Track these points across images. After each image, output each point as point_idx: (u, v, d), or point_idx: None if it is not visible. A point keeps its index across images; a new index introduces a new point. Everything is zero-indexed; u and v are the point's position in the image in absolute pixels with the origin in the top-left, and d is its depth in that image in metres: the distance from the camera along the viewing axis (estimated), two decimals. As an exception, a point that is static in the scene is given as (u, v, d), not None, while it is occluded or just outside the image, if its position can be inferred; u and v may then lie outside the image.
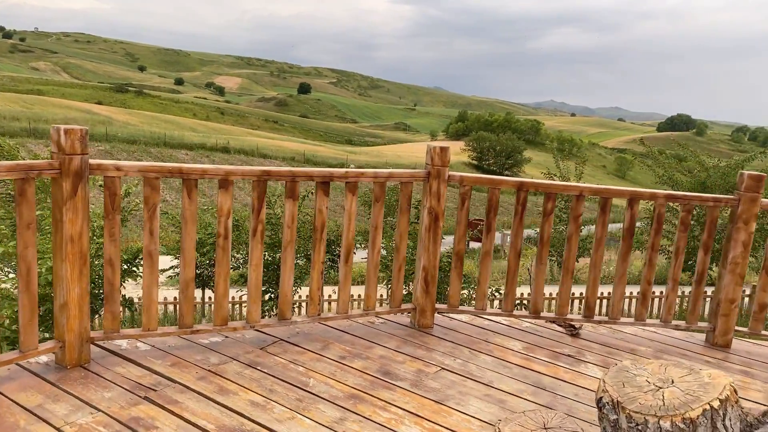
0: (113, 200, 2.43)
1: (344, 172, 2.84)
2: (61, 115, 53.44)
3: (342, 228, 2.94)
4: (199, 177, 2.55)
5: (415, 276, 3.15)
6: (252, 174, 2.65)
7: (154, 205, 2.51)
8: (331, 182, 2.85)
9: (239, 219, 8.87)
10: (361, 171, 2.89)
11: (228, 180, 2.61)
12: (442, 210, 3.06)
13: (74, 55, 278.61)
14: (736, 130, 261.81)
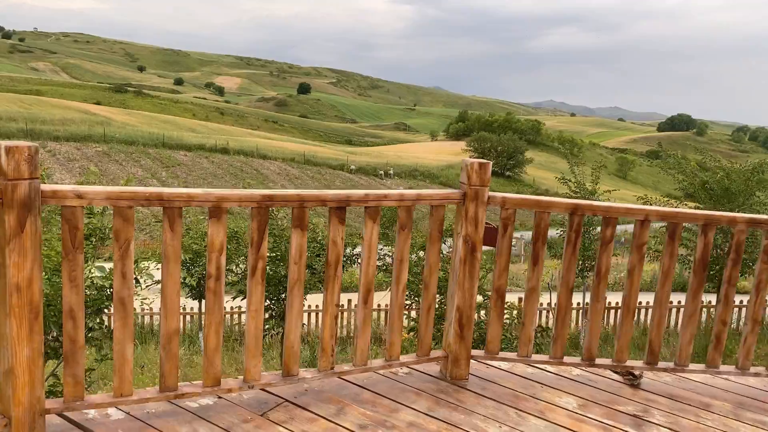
0: (74, 236, 1.90)
1: (363, 195, 2.31)
2: (59, 116, 52.88)
3: (360, 259, 2.42)
4: (184, 205, 2.03)
5: (447, 318, 2.62)
6: (250, 200, 2.12)
7: (127, 242, 1.99)
8: (347, 207, 2.33)
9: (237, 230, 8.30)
10: (384, 193, 2.37)
11: (221, 208, 2.09)
12: (480, 238, 2.54)
13: (73, 55, 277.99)
14: (737, 130, 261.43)
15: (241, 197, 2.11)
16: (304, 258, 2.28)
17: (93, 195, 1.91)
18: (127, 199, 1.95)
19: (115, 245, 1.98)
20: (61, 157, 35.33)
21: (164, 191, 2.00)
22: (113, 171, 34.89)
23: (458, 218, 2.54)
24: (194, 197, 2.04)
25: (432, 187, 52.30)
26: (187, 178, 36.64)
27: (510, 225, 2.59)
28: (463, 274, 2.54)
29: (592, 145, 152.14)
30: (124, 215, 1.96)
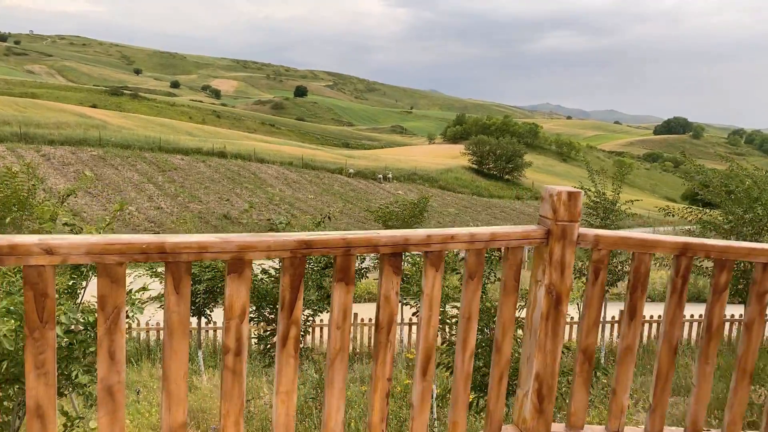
0: (42, 306, 1.37)
1: (425, 237, 1.78)
2: (54, 119, 52.21)
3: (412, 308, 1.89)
4: (194, 258, 1.50)
5: (522, 387, 2.09)
6: (282, 247, 1.59)
7: (117, 310, 1.45)
8: (404, 252, 1.80)
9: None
10: (450, 234, 1.83)
11: (243, 260, 1.56)
12: (568, 289, 2.00)
13: (69, 58, 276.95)
14: (733, 133, 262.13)
15: (270, 245, 1.58)
16: (350, 321, 1.74)
17: (68, 249, 1.37)
18: (116, 253, 1.41)
19: (100, 315, 1.44)
20: (55, 161, 34.69)
21: (167, 240, 1.46)
22: (109, 175, 34.27)
23: (538, 262, 2.01)
24: (208, 247, 1.50)
25: (431, 191, 51.78)
26: (183, 183, 36.05)
27: (602, 270, 2.05)
28: (545, 333, 2.00)
29: (589, 149, 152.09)
30: (113, 274, 1.43)
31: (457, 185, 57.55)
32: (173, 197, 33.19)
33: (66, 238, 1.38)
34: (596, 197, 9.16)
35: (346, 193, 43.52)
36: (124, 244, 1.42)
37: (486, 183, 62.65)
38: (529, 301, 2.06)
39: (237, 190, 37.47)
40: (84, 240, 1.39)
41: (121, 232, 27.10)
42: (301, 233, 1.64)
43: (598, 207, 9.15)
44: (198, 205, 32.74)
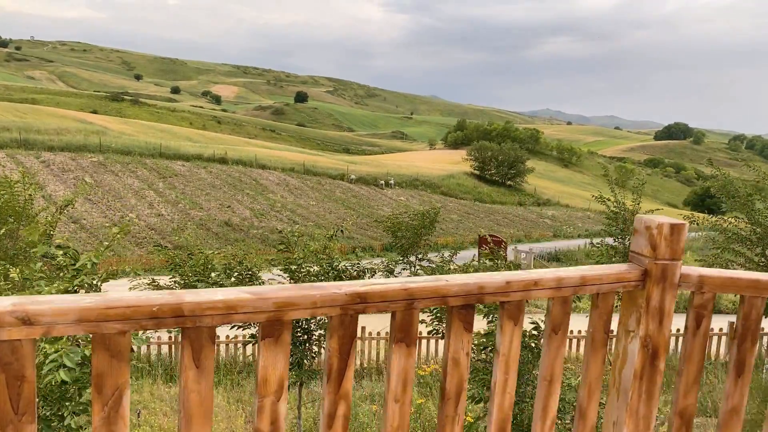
0: (17, 392, 1.02)
1: (504, 283, 1.42)
2: (54, 125, 51.93)
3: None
4: (220, 322, 1.15)
5: (607, 457, 1.72)
6: (331, 302, 1.24)
7: (118, 392, 1.09)
8: (479, 303, 1.44)
9: None
10: (534, 278, 1.47)
11: (282, 321, 1.20)
12: (666, 341, 1.65)
13: (70, 64, 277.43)
14: (733, 139, 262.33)
15: (315, 300, 1.22)
16: (410, 393, 1.38)
17: (53, 316, 1.02)
18: (117, 320, 1.06)
19: (95, 400, 1.08)
20: (55, 167, 34.37)
21: (185, 300, 1.11)
22: (109, 182, 33.94)
23: (630, 308, 1.65)
24: (237, 307, 1.15)
25: (434, 197, 51.42)
26: (184, 189, 35.72)
27: (706, 317, 1.70)
28: (638, 394, 1.64)
29: (590, 154, 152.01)
30: (113, 347, 1.07)
31: (460, 191, 57.24)
32: (174, 204, 32.85)
33: (50, 300, 1.03)
34: (616, 208, 8.81)
35: (348, 200, 43.19)
36: (129, 307, 1.07)
37: (488, 189, 62.31)
38: (617, 355, 1.70)
39: (238, 196, 37.13)
40: (74, 303, 1.04)
41: (122, 241, 26.66)
42: (353, 283, 1.29)
43: (618, 218, 8.80)
44: (199, 212, 32.39)
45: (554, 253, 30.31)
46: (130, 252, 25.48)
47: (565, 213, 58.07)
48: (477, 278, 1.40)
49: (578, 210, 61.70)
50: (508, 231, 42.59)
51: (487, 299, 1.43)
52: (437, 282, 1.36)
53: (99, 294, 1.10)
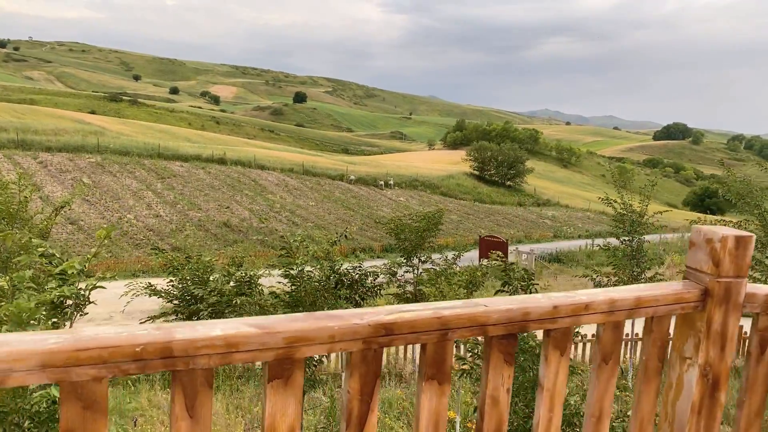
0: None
1: (551, 308, 1.22)
2: (52, 126, 51.68)
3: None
4: (219, 362, 0.94)
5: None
6: (352, 335, 1.03)
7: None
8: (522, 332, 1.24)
9: None
10: (583, 302, 1.27)
11: (293, 359, 1.00)
12: (728, 370, 1.44)
13: (69, 65, 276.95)
14: (732, 139, 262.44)
15: (333, 333, 1.01)
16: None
17: (9, 362, 0.81)
18: (91, 364, 0.85)
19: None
20: (53, 168, 34.12)
21: (176, 336, 0.90)
22: (107, 183, 33.70)
23: (686, 332, 1.45)
24: (240, 344, 0.94)
25: (433, 197, 51.21)
26: (183, 190, 35.48)
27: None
28: (695, 430, 1.44)
29: (589, 154, 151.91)
30: (87, 397, 0.87)
31: (459, 192, 57.05)
32: (172, 205, 32.62)
33: (5, 342, 0.82)
34: (623, 209, 8.62)
35: (347, 200, 42.98)
36: (106, 348, 0.86)
37: (488, 189, 62.11)
38: (670, 385, 1.49)
39: (237, 197, 36.90)
40: (37, 344, 0.83)
41: (120, 242, 26.48)
42: (377, 311, 1.08)
43: (624, 219, 8.60)
44: (197, 213, 32.15)
45: (555, 254, 30.12)
46: (128, 254, 25.24)
47: (565, 213, 57.91)
48: (521, 303, 1.20)
49: (578, 210, 61.52)
50: (509, 231, 42.40)
51: (532, 327, 1.23)
52: (475, 308, 1.15)
53: (68, 332, 0.89)
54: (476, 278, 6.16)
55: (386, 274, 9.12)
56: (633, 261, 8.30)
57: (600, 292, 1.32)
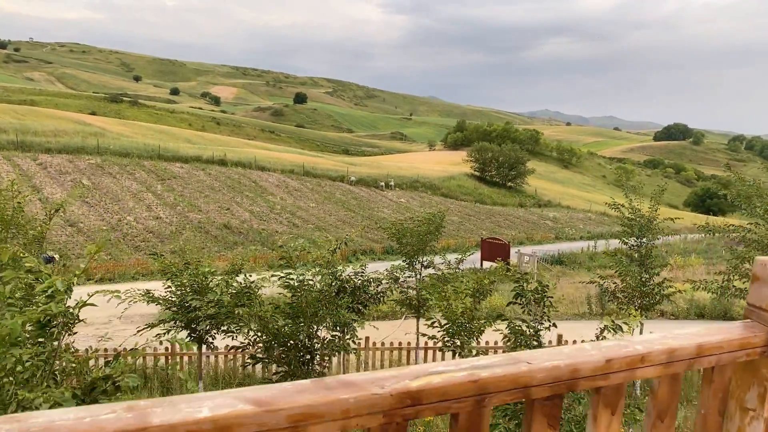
0: None
1: (603, 363, 1.03)
2: (52, 127, 51.52)
3: None
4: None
5: None
6: (370, 408, 0.85)
7: None
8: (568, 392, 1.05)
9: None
10: (639, 353, 1.08)
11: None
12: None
13: (69, 65, 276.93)
14: (733, 139, 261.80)
15: (348, 407, 0.83)
16: None
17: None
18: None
19: None
20: (52, 170, 33.95)
21: (153, 422, 0.73)
22: (106, 184, 33.52)
23: (748, 379, 1.26)
24: (233, 426, 0.75)
25: (434, 199, 51.03)
26: (183, 192, 35.31)
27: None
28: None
29: (590, 155, 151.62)
30: None
31: (460, 193, 56.85)
32: (172, 206, 32.44)
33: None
34: (632, 214, 8.42)
35: (348, 201, 42.79)
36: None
37: (489, 190, 61.91)
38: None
39: (237, 198, 36.73)
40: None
41: (120, 244, 26.30)
42: (400, 374, 0.89)
43: (633, 224, 8.41)
44: (198, 215, 31.97)
45: (557, 256, 29.90)
46: (128, 256, 25.06)
47: (567, 214, 57.71)
48: (569, 358, 1.01)
49: (579, 211, 61.32)
50: (510, 233, 42.20)
51: (582, 385, 1.04)
52: (516, 367, 0.97)
53: (13, 419, 0.71)
54: (483, 286, 5.96)
55: (389, 280, 8.94)
56: (641, 267, 8.10)
57: (656, 339, 1.13)
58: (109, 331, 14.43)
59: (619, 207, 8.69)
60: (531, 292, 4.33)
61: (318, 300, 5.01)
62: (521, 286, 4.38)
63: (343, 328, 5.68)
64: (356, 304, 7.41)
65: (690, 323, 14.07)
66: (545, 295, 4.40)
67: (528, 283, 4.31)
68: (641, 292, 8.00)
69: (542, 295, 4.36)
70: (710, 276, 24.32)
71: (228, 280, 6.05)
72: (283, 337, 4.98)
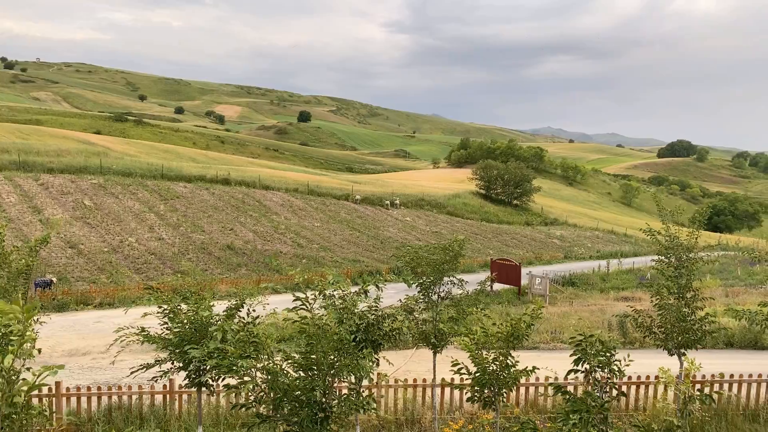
0: None
1: None
2: (55, 146, 51.32)
3: None
4: None
5: None
6: None
7: None
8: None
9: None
10: None
11: None
12: None
13: (75, 85, 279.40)
14: (737, 156, 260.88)
15: None
16: None
17: None
18: None
19: None
20: (54, 190, 33.51)
21: None
22: (109, 204, 33.04)
23: None
24: None
25: (440, 217, 50.39)
26: (186, 212, 34.79)
27: None
28: None
29: (594, 172, 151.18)
30: None
31: (466, 211, 56.25)
32: (175, 227, 31.89)
33: None
34: (669, 242, 7.78)
35: (353, 221, 42.22)
36: None
37: (495, 208, 61.29)
38: None
39: (241, 218, 36.19)
40: None
41: (121, 265, 25.68)
42: None
43: (670, 253, 7.75)
44: (201, 236, 31.40)
45: (568, 277, 29.15)
46: (129, 279, 24.45)
47: (574, 233, 56.95)
48: None
49: (586, 229, 60.53)
50: (518, 252, 41.45)
51: None
52: None
53: None
54: (519, 331, 5.30)
55: (403, 312, 8.32)
56: (681, 300, 7.43)
57: None
58: (105, 362, 13.76)
59: (655, 233, 8.05)
60: (595, 355, 3.63)
61: (337, 349, 4.37)
62: (584, 349, 3.71)
63: (359, 377, 5.03)
64: (368, 342, 6.77)
65: (719, 353, 13.32)
66: (611, 357, 3.71)
67: (591, 345, 3.64)
68: (681, 328, 7.31)
69: (608, 358, 3.67)
70: (727, 299, 23.53)
71: (230, 325, 5.37)
72: (295, 391, 4.33)
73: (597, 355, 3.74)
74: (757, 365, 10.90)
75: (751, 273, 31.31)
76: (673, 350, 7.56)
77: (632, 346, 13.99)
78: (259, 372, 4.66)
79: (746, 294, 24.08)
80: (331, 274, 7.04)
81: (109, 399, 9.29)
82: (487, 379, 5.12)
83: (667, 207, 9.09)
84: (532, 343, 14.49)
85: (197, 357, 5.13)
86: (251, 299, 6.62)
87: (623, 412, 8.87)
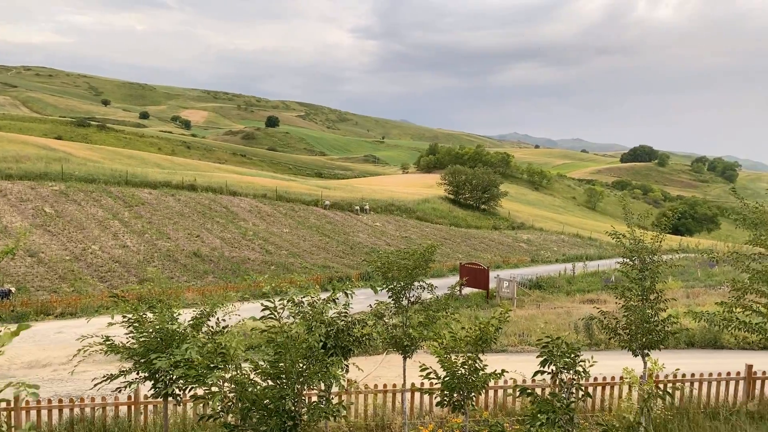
0: None
1: None
2: (13, 152, 49.73)
3: None
4: None
5: None
6: None
7: None
8: None
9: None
10: None
11: None
12: None
13: (35, 89, 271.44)
14: (696, 161, 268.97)
15: None
16: None
17: None
18: None
19: None
20: (13, 197, 32.47)
21: None
22: (71, 212, 32.17)
23: None
24: None
25: (409, 222, 50.59)
26: (151, 219, 34.13)
27: None
28: None
29: (560, 177, 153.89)
30: None
31: (435, 216, 56.56)
32: (140, 234, 31.24)
33: None
34: (633, 245, 7.97)
35: (322, 226, 42.04)
36: None
37: (463, 213, 61.82)
38: None
39: (208, 225, 35.67)
40: None
41: (84, 273, 25.01)
42: None
43: (634, 256, 7.95)
44: (166, 243, 30.83)
45: (535, 280, 29.57)
46: (92, 287, 23.82)
47: (540, 237, 57.82)
48: None
49: (552, 233, 61.55)
50: (486, 256, 41.87)
51: None
52: None
53: None
54: (488, 335, 5.34)
55: (373, 318, 8.32)
56: (645, 302, 7.62)
57: None
58: (66, 373, 13.36)
59: (620, 237, 8.24)
60: (561, 357, 3.71)
61: (306, 357, 4.34)
62: (550, 351, 3.77)
63: (328, 384, 5.01)
64: (338, 348, 6.75)
65: (681, 353, 13.69)
66: (577, 357, 3.79)
67: (558, 347, 3.71)
68: (645, 329, 7.50)
69: (573, 359, 3.74)
70: (688, 300, 24.25)
71: (196, 340, 5.29)
72: (263, 400, 4.28)
73: (563, 356, 3.81)
74: (716, 364, 11.24)
75: (711, 274, 32.32)
76: (638, 351, 7.74)
77: (598, 347, 14.27)
78: (227, 382, 4.60)
79: (706, 295, 24.83)
80: (300, 280, 7.00)
81: (71, 411, 9.05)
82: (456, 383, 5.16)
83: (634, 211, 9.33)
84: (500, 346, 14.64)
85: (164, 367, 5.02)
86: (219, 308, 6.54)
87: (589, 412, 9.04)
